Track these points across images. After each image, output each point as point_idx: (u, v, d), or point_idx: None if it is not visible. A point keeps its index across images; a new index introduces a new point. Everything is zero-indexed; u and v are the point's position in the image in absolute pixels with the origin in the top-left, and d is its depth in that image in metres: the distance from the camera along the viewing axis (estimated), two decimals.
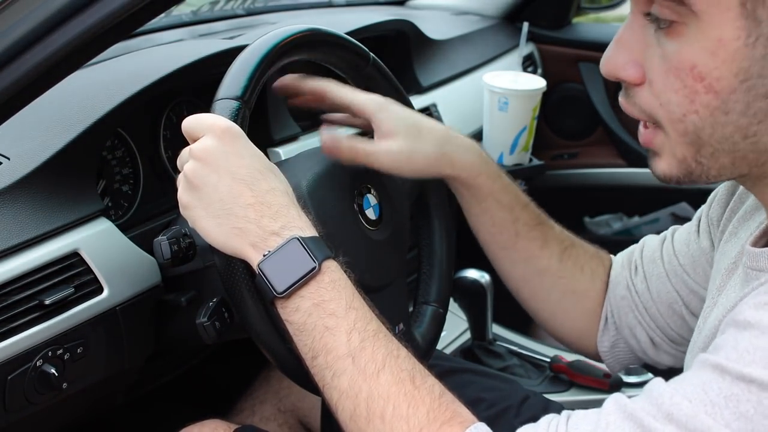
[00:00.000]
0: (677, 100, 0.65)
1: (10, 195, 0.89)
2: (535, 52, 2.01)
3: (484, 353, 1.50)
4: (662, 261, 0.96)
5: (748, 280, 0.70)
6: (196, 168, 0.77)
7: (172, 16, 1.54)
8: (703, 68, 0.63)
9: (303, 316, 0.74)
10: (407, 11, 2.00)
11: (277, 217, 0.75)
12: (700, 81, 0.63)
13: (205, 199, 0.76)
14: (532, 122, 1.53)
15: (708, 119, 0.64)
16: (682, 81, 0.64)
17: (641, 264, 0.99)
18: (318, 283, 0.74)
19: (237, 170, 0.76)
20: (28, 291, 0.86)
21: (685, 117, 0.65)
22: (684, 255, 0.94)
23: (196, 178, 0.76)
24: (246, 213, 0.75)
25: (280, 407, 1.20)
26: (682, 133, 0.66)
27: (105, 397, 1.03)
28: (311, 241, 0.75)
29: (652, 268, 0.97)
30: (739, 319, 0.61)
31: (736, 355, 0.59)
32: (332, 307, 0.73)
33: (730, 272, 0.78)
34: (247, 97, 0.83)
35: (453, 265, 1.09)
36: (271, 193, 0.76)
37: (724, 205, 0.88)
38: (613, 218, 2.10)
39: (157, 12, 0.85)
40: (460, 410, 0.71)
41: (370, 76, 1.01)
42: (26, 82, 0.80)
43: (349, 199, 0.93)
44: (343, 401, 0.72)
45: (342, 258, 0.78)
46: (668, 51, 0.64)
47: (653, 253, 0.98)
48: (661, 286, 0.96)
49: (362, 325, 0.73)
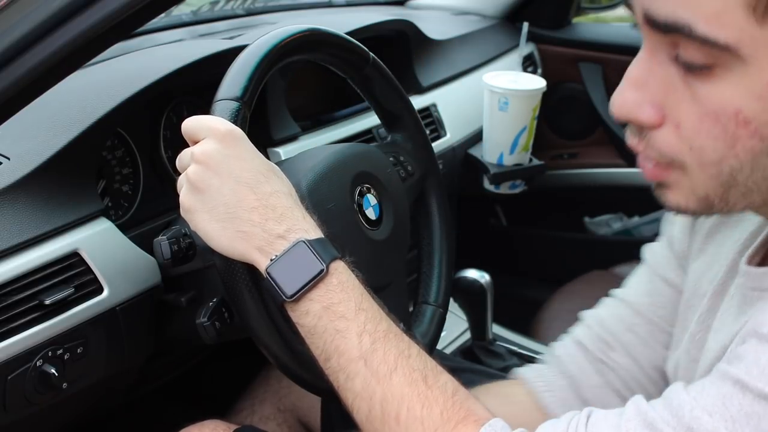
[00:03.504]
0: (714, 145, 0.60)
1: (10, 195, 0.89)
2: (535, 52, 2.01)
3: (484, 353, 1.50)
4: (637, 326, 0.89)
5: (749, 301, 0.68)
6: (199, 171, 0.76)
7: (172, 16, 1.54)
8: (748, 113, 0.58)
9: (313, 320, 0.74)
10: (407, 11, 2.00)
11: (282, 220, 0.75)
12: (745, 126, 0.58)
13: (209, 203, 0.76)
14: (532, 122, 1.53)
15: (748, 163, 0.60)
16: (722, 126, 0.59)
17: (613, 338, 0.90)
18: (326, 286, 0.74)
19: (240, 173, 0.75)
20: (28, 291, 0.86)
21: (721, 162, 0.60)
22: (660, 306, 0.88)
23: (198, 182, 0.76)
24: (250, 216, 0.74)
25: (279, 406, 1.20)
26: (714, 175, 0.61)
27: (105, 397, 1.03)
28: (318, 243, 0.75)
29: (631, 338, 0.89)
30: (762, 332, 0.59)
31: (757, 371, 0.57)
32: (342, 310, 0.73)
33: (718, 294, 0.76)
34: (247, 97, 0.83)
35: (453, 265, 1.09)
36: (274, 196, 0.76)
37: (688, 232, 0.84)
38: (613, 218, 2.10)
39: (157, 12, 0.85)
40: (474, 407, 0.70)
41: (370, 76, 1.01)
42: (26, 82, 0.80)
43: (349, 199, 0.93)
44: (358, 403, 0.72)
45: (349, 258, 0.78)
46: (702, 94, 0.59)
47: (619, 322, 0.90)
48: (649, 351, 0.89)
49: (372, 326, 0.73)
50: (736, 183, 0.61)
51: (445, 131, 1.55)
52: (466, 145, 1.62)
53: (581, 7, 2.13)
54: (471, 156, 1.62)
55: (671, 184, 0.65)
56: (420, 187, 1.07)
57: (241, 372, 1.29)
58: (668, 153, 0.62)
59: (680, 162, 0.62)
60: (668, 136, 0.62)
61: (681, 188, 0.64)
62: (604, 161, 2.04)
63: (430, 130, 1.52)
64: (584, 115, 2.05)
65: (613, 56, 1.99)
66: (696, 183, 0.63)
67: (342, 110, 1.41)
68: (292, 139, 1.26)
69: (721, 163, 0.60)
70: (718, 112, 0.58)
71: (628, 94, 0.63)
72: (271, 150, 1.22)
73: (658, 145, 0.63)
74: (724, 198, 0.63)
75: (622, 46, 1.97)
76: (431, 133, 1.52)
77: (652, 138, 0.63)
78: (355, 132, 1.35)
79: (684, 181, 0.64)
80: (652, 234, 2.07)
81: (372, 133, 1.38)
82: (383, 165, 0.99)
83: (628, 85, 0.63)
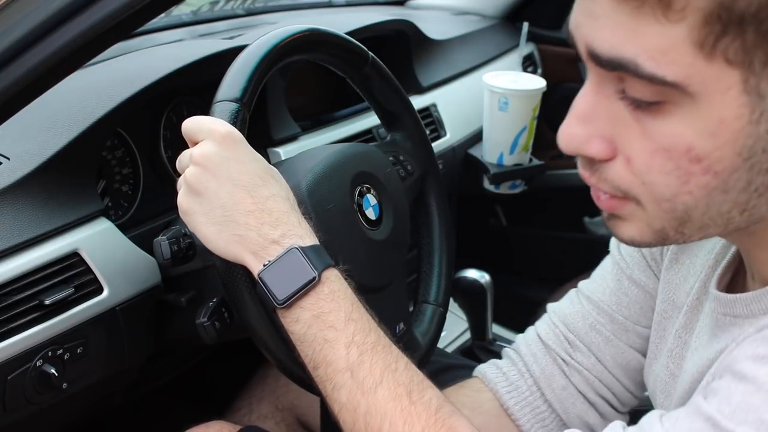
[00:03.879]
0: (666, 181, 0.58)
1: (10, 195, 0.89)
2: (535, 52, 2.01)
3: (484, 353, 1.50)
4: (600, 325, 0.89)
5: (721, 325, 0.68)
6: (197, 174, 0.76)
7: (172, 16, 1.54)
8: (701, 150, 0.55)
9: (303, 327, 0.74)
10: (407, 11, 2.00)
11: (277, 225, 0.75)
12: (697, 163, 0.56)
13: (206, 205, 0.76)
14: (532, 122, 1.53)
15: (703, 199, 0.58)
16: (674, 162, 0.56)
17: (576, 338, 0.90)
18: (317, 294, 0.74)
19: (238, 176, 0.75)
20: (28, 291, 0.86)
21: (675, 198, 0.58)
22: (625, 308, 0.87)
23: (196, 184, 0.76)
24: (246, 220, 0.75)
25: (277, 405, 1.20)
26: (669, 210, 0.59)
27: (105, 397, 1.03)
28: (311, 251, 0.75)
29: (594, 337, 0.89)
30: (736, 368, 0.59)
31: (729, 410, 0.57)
32: (331, 319, 0.73)
33: (693, 309, 0.75)
34: (247, 98, 0.83)
35: (453, 265, 1.09)
36: (271, 200, 0.76)
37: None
38: None
39: (157, 12, 0.85)
40: (457, 424, 0.70)
41: (370, 76, 1.01)
42: (26, 82, 0.80)
43: (349, 199, 0.93)
44: (343, 414, 0.72)
45: (343, 266, 0.78)
46: (652, 130, 0.57)
47: (582, 321, 0.90)
48: (614, 349, 0.89)
49: (361, 338, 0.73)
50: (690, 218, 0.59)
51: (445, 131, 1.56)
52: (466, 145, 1.62)
53: None
54: (471, 156, 1.62)
55: (626, 216, 0.63)
56: (419, 187, 1.07)
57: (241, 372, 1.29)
58: (621, 186, 0.60)
59: (634, 196, 0.60)
60: (620, 169, 0.60)
61: (636, 221, 0.62)
62: None
63: (430, 130, 1.52)
64: None
65: None
66: (651, 217, 0.61)
67: (342, 110, 1.41)
68: (292, 139, 1.26)
69: (675, 199, 0.58)
70: (669, 149, 0.56)
71: (575, 129, 0.60)
72: (271, 150, 1.22)
73: (611, 177, 0.60)
74: (679, 231, 0.61)
75: None
76: (431, 133, 1.52)
77: (604, 171, 0.61)
78: (355, 132, 1.35)
79: (639, 214, 0.61)
80: None
81: (372, 133, 1.38)
82: (383, 165, 0.99)
83: (574, 119, 0.61)
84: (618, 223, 0.64)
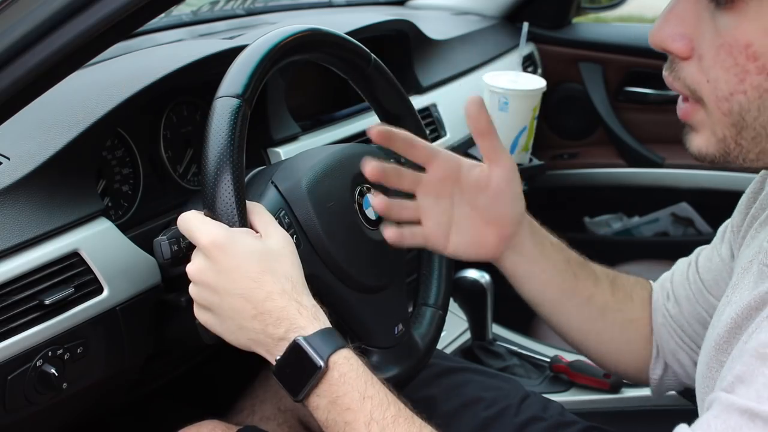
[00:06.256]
0: (726, 77, 0.64)
1: (10, 195, 0.89)
2: (535, 52, 2.01)
3: (484, 353, 1.50)
4: (688, 282, 0.97)
5: (762, 276, 0.70)
6: (199, 291, 0.80)
7: (172, 16, 1.54)
8: (758, 48, 0.62)
9: (324, 413, 0.76)
10: (407, 11, 2.01)
11: (279, 324, 0.77)
12: (753, 60, 0.62)
13: (218, 317, 0.80)
14: (532, 122, 1.53)
15: (755, 101, 0.64)
16: (733, 58, 0.63)
17: (671, 289, 0.99)
18: (328, 381, 0.76)
19: (232, 287, 0.78)
20: (28, 291, 0.86)
21: (731, 96, 0.64)
22: (706, 272, 0.94)
23: (202, 301, 0.81)
24: (253, 325, 0.78)
25: (280, 407, 1.20)
26: (726, 112, 0.65)
27: (105, 397, 1.03)
28: (316, 338, 0.76)
29: (681, 291, 0.98)
30: (763, 352, 0.58)
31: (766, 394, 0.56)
32: (347, 402, 0.75)
33: (745, 270, 0.78)
34: (248, 95, 0.83)
35: (453, 267, 1.09)
36: (268, 301, 0.78)
37: (745, 212, 0.87)
38: (613, 218, 2.10)
39: (157, 12, 0.85)
40: None
41: (372, 77, 1.01)
42: (26, 82, 0.80)
43: (349, 199, 0.93)
44: None
45: (355, 344, 0.80)
46: (722, 26, 0.63)
47: (681, 276, 0.99)
48: (691, 307, 0.96)
49: (380, 414, 0.74)
50: (745, 124, 0.65)
51: (445, 131, 1.55)
52: (466, 145, 1.62)
53: (581, 7, 2.13)
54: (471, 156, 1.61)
55: (696, 125, 0.69)
56: None
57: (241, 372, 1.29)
58: (690, 84, 0.68)
59: (700, 96, 0.67)
60: (692, 68, 0.67)
61: (704, 130, 0.69)
62: (604, 161, 2.04)
63: (430, 130, 1.52)
64: (584, 115, 2.05)
65: (613, 56, 1.99)
66: (714, 123, 0.67)
67: (342, 110, 1.41)
68: (292, 139, 1.26)
69: (732, 99, 0.64)
70: (731, 44, 0.63)
71: (665, 27, 0.68)
72: (271, 150, 1.22)
73: (683, 75, 0.68)
74: (738, 142, 0.67)
75: (622, 46, 1.97)
76: (431, 133, 1.52)
77: (680, 70, 0.68)
78: (355, 132, 1.35)
79: (706, 122, 0.68)
80: (652, 234, 2.07)
81: None
82: None
83: (666, 18, 0.68)
84: (690, 136, 0.71)
